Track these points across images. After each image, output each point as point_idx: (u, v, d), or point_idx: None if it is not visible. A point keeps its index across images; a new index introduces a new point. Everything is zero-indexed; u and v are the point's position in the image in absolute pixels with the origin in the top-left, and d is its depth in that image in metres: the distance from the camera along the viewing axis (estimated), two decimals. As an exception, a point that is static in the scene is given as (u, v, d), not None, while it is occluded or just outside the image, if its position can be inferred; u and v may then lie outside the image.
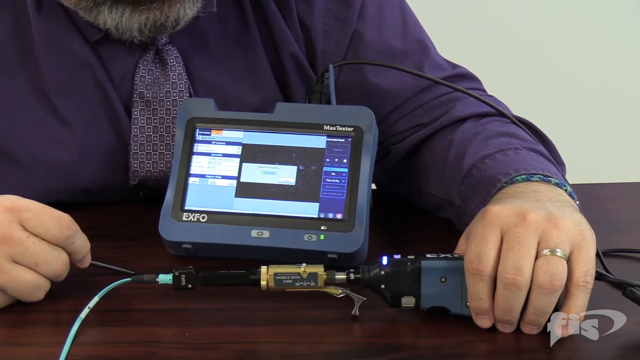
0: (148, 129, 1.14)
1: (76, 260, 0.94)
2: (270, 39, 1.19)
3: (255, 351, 0.88)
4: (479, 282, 0.87)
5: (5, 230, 0.90)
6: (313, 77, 1.20)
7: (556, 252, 0.86)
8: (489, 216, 0.89)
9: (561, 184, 0.98)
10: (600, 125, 2.40)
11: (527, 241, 0.86)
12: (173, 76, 1.14)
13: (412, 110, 1.18)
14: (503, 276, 0.86)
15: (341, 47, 1.20)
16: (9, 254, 0.90)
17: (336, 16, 1.20)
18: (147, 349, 0.88)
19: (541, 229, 0.87)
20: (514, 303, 0.86)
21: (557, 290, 0.86)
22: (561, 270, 0.86)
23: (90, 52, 1.13)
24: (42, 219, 0.91)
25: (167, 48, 1.15)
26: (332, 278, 0.91)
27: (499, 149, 1.05)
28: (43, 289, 0.92)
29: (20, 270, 0.91)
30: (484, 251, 0.87)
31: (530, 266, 0.86)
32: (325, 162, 1.03)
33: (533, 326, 0.88)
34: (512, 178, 0.98)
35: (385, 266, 0.90)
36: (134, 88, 1.14)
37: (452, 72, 1.21)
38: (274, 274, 0.90)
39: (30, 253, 0.91)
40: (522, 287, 0.85)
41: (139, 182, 1.15)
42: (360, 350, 0.88)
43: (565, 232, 0.87)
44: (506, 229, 0.87)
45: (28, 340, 0.89)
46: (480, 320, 0.89)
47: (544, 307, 0.86)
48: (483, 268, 0.86)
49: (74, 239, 0.93)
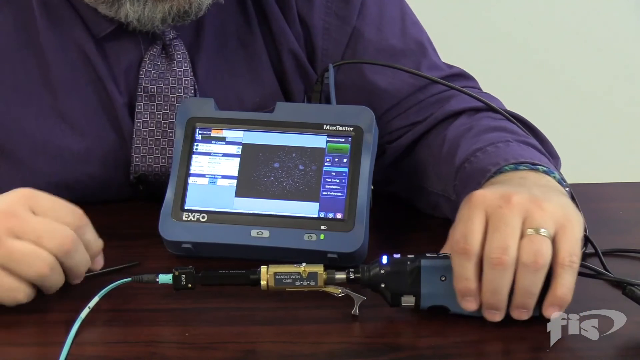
0: (151, 124, 1.14)
1: (89, 256, 0.93)
2: (270, 35, 1.19)
3: (255, 351, 0.88)
4: (465, 261, 0.87)
5: (11, 208, 0.89)
6: (312, 75, 1.20)
7: (540, 231, 0.86)
8: (474, 200, 0.89)
9: (549, 171, 0.98)
10: (601, 125, 2.40)
11: (512, 222, 0.87)
12: (179, 72, 1.14)
13: (409, 108, 1.18)
14: (489, 256, 0.86)
15: (340, 45, 1.20)
16: (11, 229, 0.88)
17: (336, 14, 1.20)
18: (147, 349, 0.88)
19: (525, 209, 0.87)
20: (501, 284, 0.86)
21: (542, 269, 0.86)
22: (545, 248, 0.86)
23: (93, 47, 1.13)
24: (54, 206, 0.91)
25: (174, 43, 1.15)
26: (332, 277, 0.91)
27: (490, 142, 1.05)
28: (46, 261, 0.89)
29: (19, 243, 0.89)
30: (470, 231, 0.87)
31: (515, 246, 0.86)
32: (325, 162, 1.03)
33: (522, 309, 0.88)
34: (501, 168, 0.99)
35: (385, 265, 0.90)
36: (139, 82, 1.14)
37: (448, 72, 1.22)
38: (274, 273, 0.90)
39: (32, 227, 0.89)
40: (509, 266, 0.86)
41: (139, 177, 1.15)
42: (360, 350, 0.88)
43: (550, 213, 0.88)
44: (491, 211, 0.88)
45: (28, 340, 0.89)
46: (466, 303, 0.88)
47: (530, 287, 0.86)
48: (470, 247, 0.87)
49: (85, 229, 0.92)
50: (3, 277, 0.89)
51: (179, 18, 1.11)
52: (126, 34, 1.13)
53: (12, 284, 0.89)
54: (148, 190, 1.17)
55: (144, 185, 1.16)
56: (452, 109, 1.15)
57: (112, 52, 1.14)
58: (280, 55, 1.19)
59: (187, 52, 1.15)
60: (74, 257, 0.91)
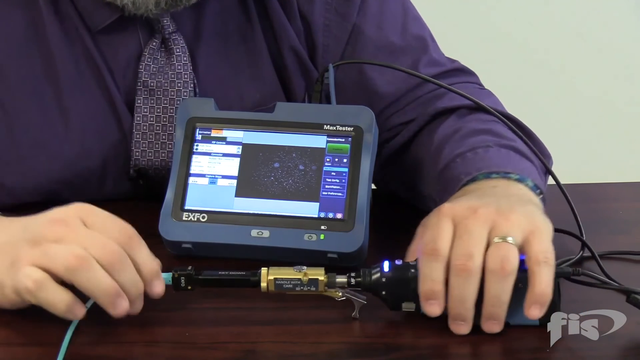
0: (151, 118, 1.14)
1: (142, 278, 0.88)
2: (271, 32, 1.19)
3: (255, 351, 0.88)
4: (433, 261, 0.87)
5: (63, 217, 0.88)
6: (313, 71, 1.20)
7: (507, 239, 0.87)
8: (442, 210, 0.91)
9: (522, 179, 0.99)
10: (601, 125, 2.40)
11: (477, 231, 0.87)
12: (178, 66, 1.14)
13: (406, 105, 1.19)
14: (453, 263, 0.86)
15: (341, 42, 1.20)
16: (56, 234, 0.86)
17: (336, 10, 1.20)
18: (147, 349, 0.88)
19: (491, 220, 0.88)
20: (466, 291, 0.86)
21: (510, 275, 0.86)
22: (512, 255, 0.86)
23: (93, 41, 1.13)
24: (105, 222, 0.89)
25: (173, 37, 1.15)
26: (332, 282, 0.91)
27: (471, 147, 1.06)
28: (76, 253, 0.84)
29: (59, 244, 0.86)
30: (439, 235, 0.88)
31: (480, 253, 0.86)
32: (325, 162, 1.03)
33: (493, 321, 0.88)
34: (474, 177, 1.00)
35: (386, 273, 0.90)
36: (138, 76, 1.14)
37: (449, 67, 1.22)
38: (274, 278, 0.90)
39: (78, 235, 0.86)
40: (473, 272, 0.86)
41: (139, 171, 1.15)
42: (360, 350, 0.88)
43: (516, 223, 0.88)
44: (458, 221, 0.89)
45: (28, 340, 0.89)
46: (429, 306, 0.88)
47: (499, 295, 0.86)
48: (439, 248, 0.87)
49: (136, 250, 0.88)
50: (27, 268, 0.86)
51: (173, 2, 1.10)
52: (125, 28, 1.13)
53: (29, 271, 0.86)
54: (148, 184, 1.17)
55: (144, 179, 1.16)
56: (444, 106, 1.15)
57: (112, 46, 1.14)
58: (281, 52, 1.19)
59: (186, 47, 1.15)
60: (120, 274, 0.86)
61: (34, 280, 0.86)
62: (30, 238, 0.88)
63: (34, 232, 0.88)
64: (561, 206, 1.07)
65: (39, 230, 0.88)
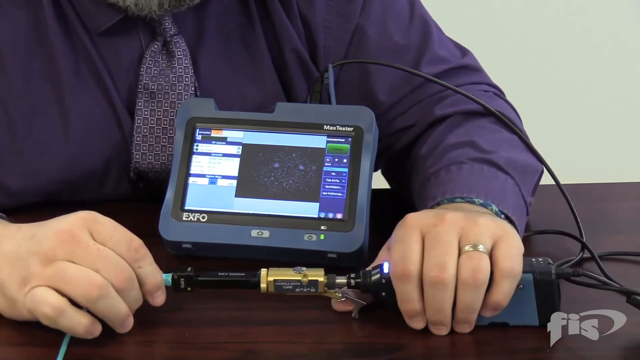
0: (151, 121, 1.14)
1: (144, 291, 0.89)
2: (272, 34, 1.19)
3: (255, 351, 0.88)
4: (407, 284, 0.87)
5: (73, 230, 0.87)
6: (315, 73, 1.19)
7: (478, 247, 0.87)
8: (408, 221, 0.90)
9: (486, 204, 0.99)
10: (601, 125, 2.40)
11: (448, 238, 0.87)
12: (179, 69, 1.14)
13: (408, 109, 1.18)
14: (428, 275, 0.86)
15: (343, 43, 1.20)
16: (70, 253, 0.86)
17: (337, 12, 1.20)
18: (147, 349, 0.88)
19: (460, 226, 0.88)
20: (443, 302, 0.87)
21: (482, 285, 0.86)
22: (484, 264, 0.86)
23: (95, 43, 1.13)
24: (113, 234, 0.88)
25: (175, 39, 1.14)
26: (332, 283, 0.91)
27: (446, 164, 1.06)
28: (97, 283, 0.85)
29: (74, 266, 0.86)
30: (408, 252, 0.87)
31: (453, 263, 0.86)
32: (325, 162, 1.03)
33: (465, 324, 0.88)
34: (438, 202, 1.01)
35: (386, 274, 0.90)
36: (139, 79, 1.14)
37: (452, 65, 1.20)
38: (274, 280, 0.90)
39: (93, 257, 0.86)
40: (448, 284, 0.86)
41: (139, 174, 1.15)
42: (360, 350, 0.88)
43: (485, 227, 0.88)
44: (426, 230, 0.88)
45: (28, 340, 0.89)
46: (414, 323, 0.89)
47: (471, 303, 0.87)
48: (409, 268, 0.87)
49: (142, 263, 0.89)
50: (44, 291, 0.86)
51: (176, 2, 1.10)
52: (127, 30, 1.13)
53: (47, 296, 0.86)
54: (148, 187, 1.17)
55: (144, 182, 1.16)
56: (440, 114, 1.15)
57: (113, 49, 1.14)
58: (282, 53, 1.19)
59: (188, 49, 1.15)
60: (129, 294, 0.88)
61: (53, 307, 0.86)
62: (39, 252, 0.87)
63: (43, 246, 0.87)
64: (561, 206, 1.07)
65: (48, 244, 0.87)
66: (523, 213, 1.05)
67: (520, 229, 1.02)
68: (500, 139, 1.10)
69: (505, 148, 1.09)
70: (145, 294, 0.90)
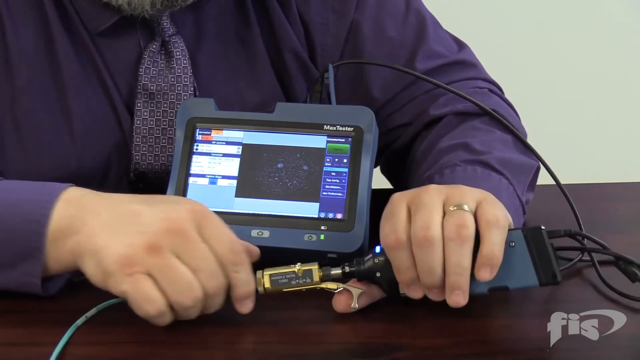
0: (151, 122, 1.14)
1: (235, 296, 0.90)
2: (271, 35, 1.19)
3: (255, 351, 0.88)
4: (399, 251, 0.88)
5: (182, 224, 0.87)
6: (315, 73, 1.20)
7: (462, 206, 0.88)
8: (394, 198, 0.92)
9: None
10: (601, 125, 2.40)
11: (432, 203, 0.89)
12: (178, 69, 1.14)
13: (404, 105, 1.18)
14: (415, 237, 0.87)
15: (339, 39, 1.20)
16: (176, 245, 0.86)
17: (333, 8, 1.20)
18: (147, 349, 0.88)
19: (444, 193, 0.90)
20: (432, 261, 0.87)
21: (468, 240, 0.87)
22: (468, 220, 0.87)
23: (94, 43, 1.13)
24: (218, 233, 0.89)
25: (173, 40, 1.14)
26: (327, 274, 0.91)
27: (440, 167, 1.07)
28: (195, 295, 0.86)
29: (181, 265, 0.86)
30: (395, 223, 0.89)
31: (438, 222, 0.88)
32: (325, 162, 1.03)
33: (457, 291, 0.88)
34: None
35: (378, 254, 0.91)
36: (138, 80, 1.14)
37: (447, 60, 1.21)
38: (270, 275, 0.91)
39: (198, 257, 0.86)
40: (434, 241, 0.87)
41: (139, 175, 1.15)
42: (360, 350, 0.88)
43: (469, 191, 0.91)
44: (411, 199, 0.90)
45: (28, 340, 0.89)
46: (412, 292, 0.90)
47: (459, 261, 0.87)
48: (399, 236, 0.88)
49: (240, 268, 0.89)
50: (148, 285, 0.86)
51: (168, 2, 1.10)
52: (125, 30, 1.13)
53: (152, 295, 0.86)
54: (148, 188, 1.17)
55: (144, 183, 1.16)
56: (435, 114, 1.16)
57: (112, 49, 1.14)
58: (282, 55, 1.19)
59: (186, 49, 1.15)
60: (212, 301, 0.88)
61: (157, 310, 0.86)
62: (145, 235, 0.86)
63: (149, 228, 0.87)
64: (561, 206, 1.07)
65: (154, 229, 0.87)
66: (519, 212, 1.05)
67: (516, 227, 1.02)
68: (494, 139, 1.11)
69: (499, 148, 1.09)
70: (234, 299, 0.90)
